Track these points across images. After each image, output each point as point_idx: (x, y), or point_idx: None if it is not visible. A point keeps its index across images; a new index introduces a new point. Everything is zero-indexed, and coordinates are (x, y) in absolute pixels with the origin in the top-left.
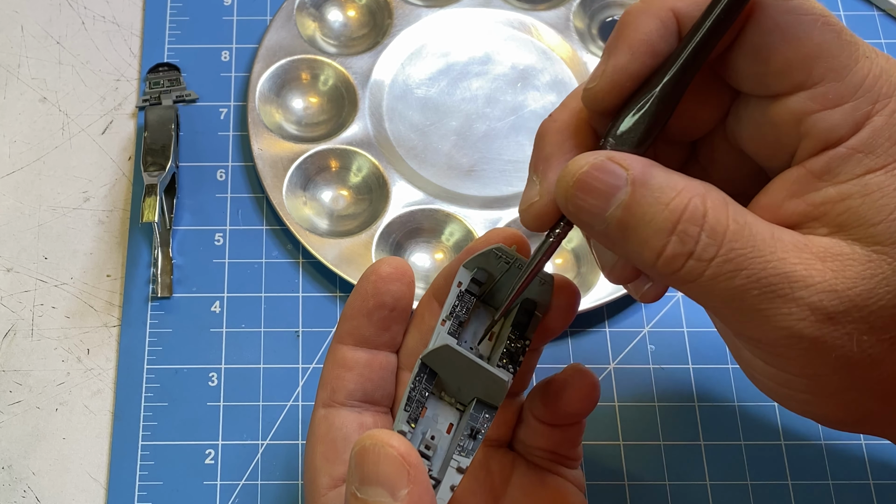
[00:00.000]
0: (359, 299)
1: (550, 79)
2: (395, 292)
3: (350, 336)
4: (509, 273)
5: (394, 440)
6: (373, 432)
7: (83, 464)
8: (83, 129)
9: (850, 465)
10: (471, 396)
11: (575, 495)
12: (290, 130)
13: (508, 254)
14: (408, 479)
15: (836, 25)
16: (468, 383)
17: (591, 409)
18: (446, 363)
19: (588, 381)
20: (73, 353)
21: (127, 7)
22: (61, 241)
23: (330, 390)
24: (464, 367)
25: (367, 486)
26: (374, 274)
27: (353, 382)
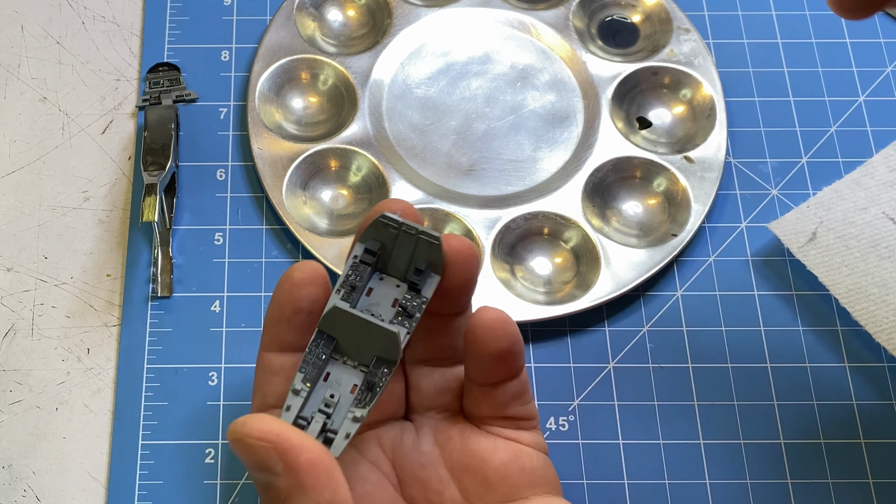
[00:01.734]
0: (276, 308)
1: (550, 78)
2: (309, 296)
3: (273, 343)
4: (399, 240)
5: (249, 427)
6: (233, 425)
7: (83, 463)
8: (83, 129)
9: (850, 465)
10: (371, 356)
11: (531, 456)
12: (290, 130)
13: (394, 220)
14: (278, 456)
15: None
16: (365, 343)
17: (511, 346)
18: (341, 326)
19: (492, 314)
20: (74, 352)
21: (127, 7)
22: (61, 241)
23: (262, 396)
24: (357, 327)
25: (253, 471)
26: (287, 282)
27: (281, 385)
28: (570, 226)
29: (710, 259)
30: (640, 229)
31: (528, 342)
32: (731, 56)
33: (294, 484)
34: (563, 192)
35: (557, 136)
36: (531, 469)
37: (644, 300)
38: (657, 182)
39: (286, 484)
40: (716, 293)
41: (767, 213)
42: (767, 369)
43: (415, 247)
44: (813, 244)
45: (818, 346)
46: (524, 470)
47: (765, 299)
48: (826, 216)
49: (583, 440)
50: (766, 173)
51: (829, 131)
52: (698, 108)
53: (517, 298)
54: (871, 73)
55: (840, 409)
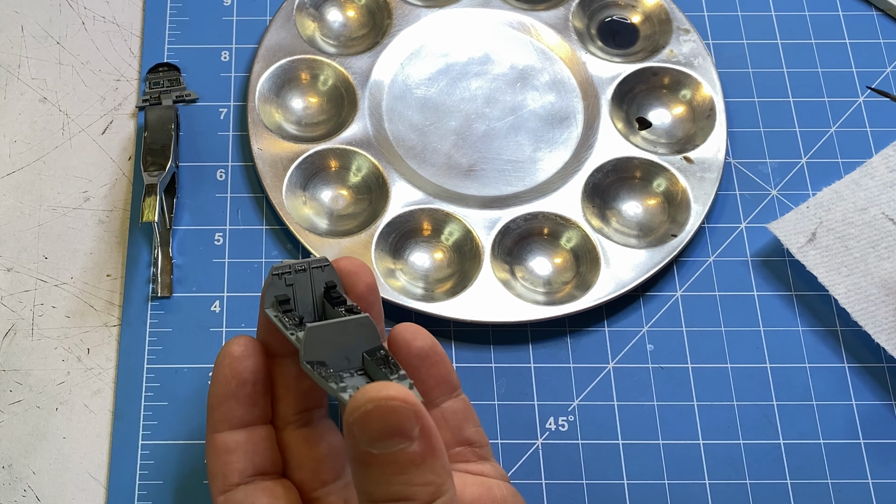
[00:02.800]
0: (220, 385)
1: (549, 79)
2: (251, 367)
3: (224, 422)
4: (297, 283)
5: (391, 391)
6: (365, 391)
7: (83, 463)
8: (83, 129)
9: (850, 465)
10: (358, 354)
11: (500, 487)
12: (290, 130)
13: (281, 267)
14: (415, 417)
15: None
16: (348, 347)
17: (429, 344)
18: (322, 345)
19: (406, 324)
20: (74, 352)
21: (127, 7)
22: (61, 241)
23: (222, 477)
24: (335, 335)
25: (381, 441)
26: (228, 357)
27: (240, 462)
28: (570, 226)
29: (710, 259)
30: (639, 230)
31: (528, 342)
32: (731, 56)
33: (429, 448)
34: (563, 193)
35: (557, 137)
36: (502, 498)
37: (644, 300)
38: (657, 182)
39: (422, 448)
40: (715, 293)
41: (767, 213)
42: (767, 369)
43: (312, 280)
44: (812, 245)
45: (818, 346)
46: (496, 501)
47: (764, 299)
48: (826, 217)
49: (583, 440)
50: (766, 174)
51: (828, 132)
52: (698, 108)
53: (517, 299)
54: (871, 74)
55: (840, 409)
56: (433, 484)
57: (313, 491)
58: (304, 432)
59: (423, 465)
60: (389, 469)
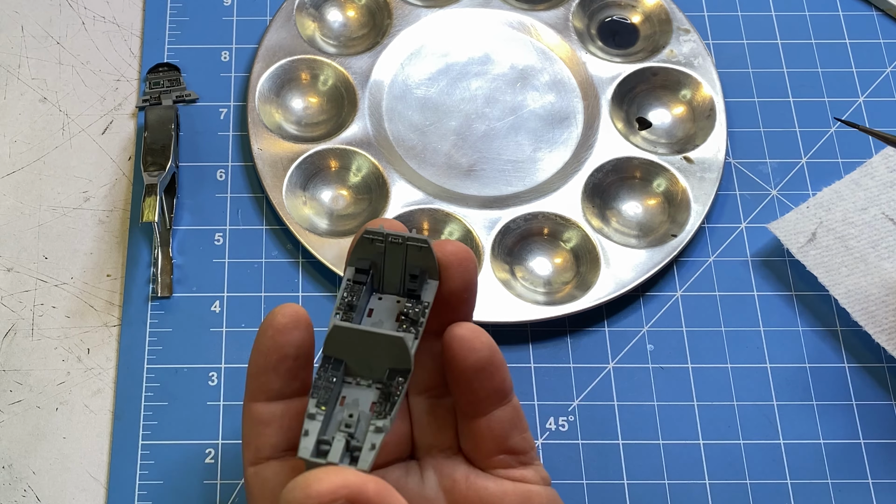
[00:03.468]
0: (261, 356)
1: (549, 79)
2: (294, 341)
3: (261, 392)
4: (388, 253)
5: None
6: (295, 489)
7: (83, 463)
8: (83, 129)
9: (850, 465)
10: (384, 369)
11: (540, 495)
12: (290, 130)
13: (377, 232)
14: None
15: None
16: (374, 357)
17: (487, 355)
18: (346, 345)
19: (465, 327)
20: (74, 352)
21: (127, 7)
22: (61, 241)
23: (254, 449)
24: (363, 343)
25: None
26: (271, 328)
27: (274, 436)
28: (570, 226)
29: (710, 259)
30: (639, 230)
31: (528, 342)
32: (731, 56)
33: None
34: (563, 193)
35: (557, 137)
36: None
37: (644, 300)
38: (657, 182)
39: None
40: (716, 293)
41: (767, 213)
42: (767, 369)
43: (405, 256)
44: (812, 245)
45: (818, 346)
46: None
47: (764, 299)
48: (826, 217)
49: (583, 440)
50: (766, 174)
51: (828, 132)
52: (698, 108)
53: (517, 299)
54: (871, 74)
55: (840, 409)
56: None
57: None
58: None
59: None
60: None
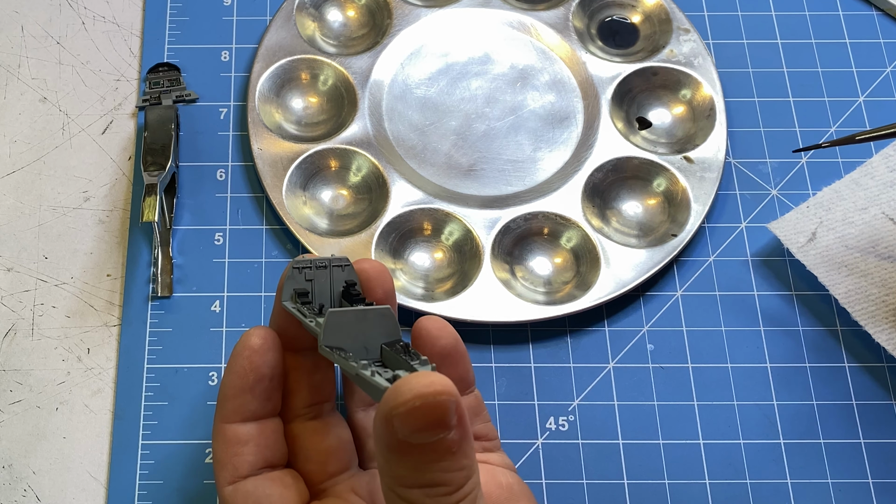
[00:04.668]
0: (237, 378)
1: (549, 78)
2: (270, 362)
3: (236, 414)
4: (316, 279)
5: (435, 385)
6: (407, 383)
7: (83, 463)
8: (83, 129)
9: (850, 465)
10: (377, 346)
11: (505, 475)
12: (290, 130)
13: (302, 262)
14: (457, 407)
15: None
16: (367, 336)
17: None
18: (342, 331)
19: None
20: (74, 352)
21: (127, 7)
22: (61, 241)
23: (231, 468)
24: (355, 322)
25: (421, 433)
26: (247, 349)
27: (252, 454)
28: (570, 226)
29: (710, 259)
30: (639, 229)
31: (528, 342)
32: (731, 56)
33: (464, 435)
34: (563, 193)
35: (557, 137)
36: (508, 485)
37: (644, 300)
38: (657, 182)
39: (458, 436)
40: (716, 293)
41: (767, 213)
42: (767, 369)
43: (331, 278)
44: (812, 244)
45: (818, 346)
46: (502, 486)
47: (765, 299)
48: (826, 216)
49: (583, 440)
50: (766, 173)
51: (828, 131)
52: (698, 108)
53: (517, 298)
54: (871, 74)
55: (840, 409)
56: (466, 468)
57: (320, 483)
58: (314, 425)
59: (459, 452)
60: (427, 457)
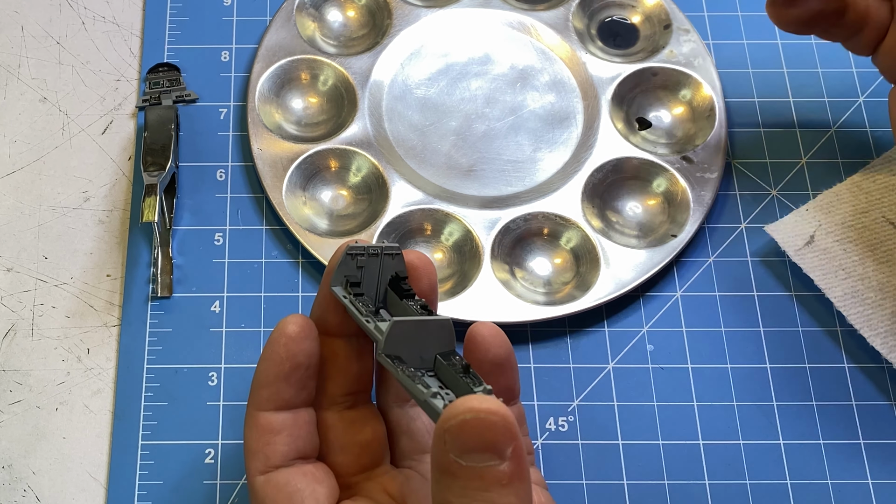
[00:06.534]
0: (273, 365)
1: (550, 79)
2: (306, 350)
3: (270, 402)
4: (366, 268)
5: (491, 405)
6: (464, 402)
7: (83, 463)
8: (83, 129)
9: (850, 465)
10: (431, 356)
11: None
12: (290, 130)
13: (355, 248)
14: (511, 437)
15: None
16: (423, 346)
17: (506, 353)
18: (401, 340)
19: (488, 325)
20: (74, 352)
21: (127, 7)
22: (61, 241)
23: (263, 458)
24: (415, 332)
25: (472, 454)
26: (283, 336)
27: (284, 444)
28: (570, 226)
29: (710, 260)
30: (639, 230)
31: (528, 342)
32: (731, 56)
33: (517, 471)
34: (563, 193)
35: (557, 137)
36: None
37: (644, 301)
38: (657, 183)
39: (511, 469)
40: (715, 294)
41: (767, 213)
42: (767, 370)
43: (381, 266)
44: (810, 248)
45: (818, 346)
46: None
47: (764, 300)
48: (825, 219)
49: (582, 440)
50: (766, 174)
51: (828, 132)
52: (698, 108)
53: (517, 299)
54: (871, 74)
55: (840, 409)
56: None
57: (351, 476)
58: (350, 415)
59: (509, 487)
60: (475, 483)
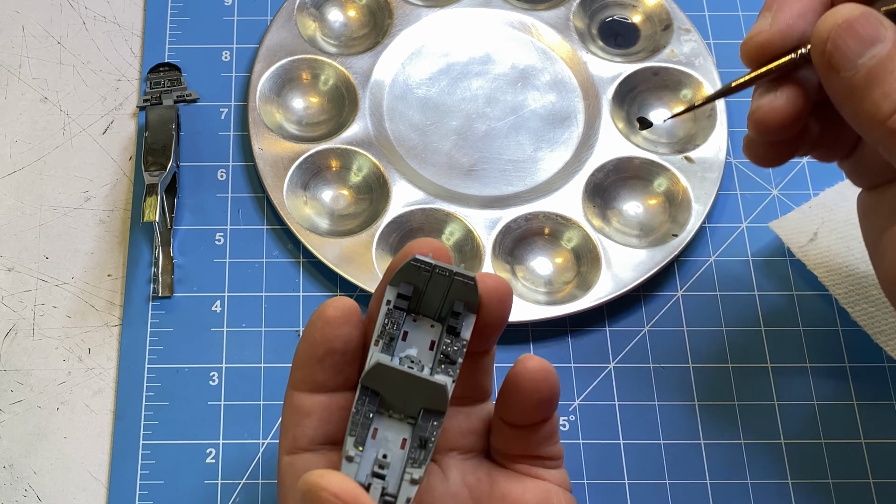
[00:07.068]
0: (308, 347)
1: (550, 78)
2: (343, 336)
3: (304, 383)
4: (433, 281)
5: (327, 481)
6: (309, 476)
7: (84, 463)
8: (84, 129)
9: (850, 465)
10: (417, 408)
11: (558, 494)
12: (291, 130)
13: (426, 262)
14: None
15: None
16: (412, 396)
17: (551, 396)
18: (385, 381)
19: (536, 363)
20: (75, 352)
21: (128, 7)
22: (62, 241)
23: (291, 438)
24: (402, 381)
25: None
26: (320, 320)
27: (313, 428)
28: (571, 226)
29: (711, 259)
30: (640, 229)
31: (529, 342)
32: (731, 56)
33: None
34: (564, 193)
35: (558, 137)
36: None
37: (644, 300)
38: (658, 182)
39: None
40: (716, 293)
41: (768, 213)
42: (767, 369)
43: (449, 287)
44: (814, 244)
45: (818, 346)
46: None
47: (765, 299)
48: (828, 217)
49: (583, 440)
50: (767, 173)
51: None
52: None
53: (518, 298)
54: None
55: (840, 409)
56: None
57: None
58: None
59: None
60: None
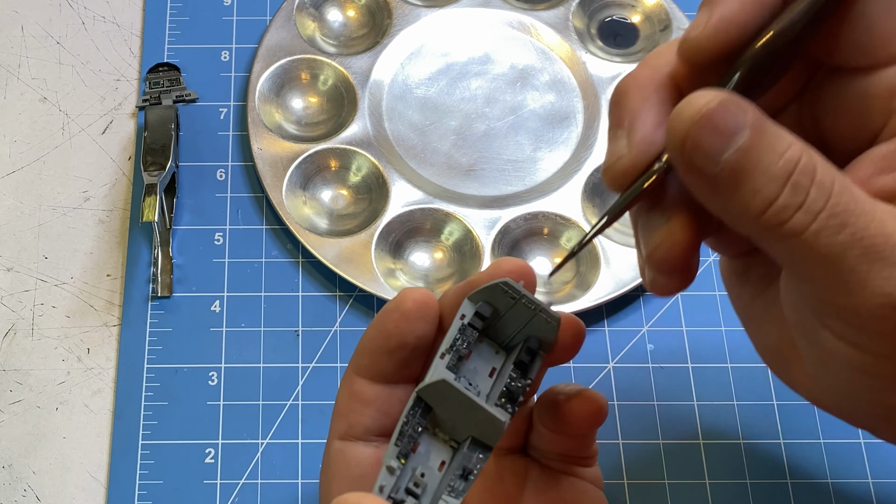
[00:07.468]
0: (379, 336)
1: (549, 78)
2: (418, 331)
3: (368, 370)
4: (514, 309)
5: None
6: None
7: (83, 463)
8: (83, 129)
9: (850, 464)
10: (466, 435)
11: (591, 492)
12: (290, 130)
13: (515, 289)
14: None
15: None
16: (464, 421)
17: (597, 426)
18: (442, 398)
19: (594, 406)
20: (74, 352)
21: (127, 7)
22: (61, 241)
23: (346, 424)
24: (460, 404)
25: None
26: (397, 311)
27: (370, 418)
28: (570, 226)
29: (711, 259)
30: None
31: None
32: None
33: None
34: (563, 193)
35: (557, 137)
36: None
37: (644, 300)
38: None
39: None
40: (716, 293)
41: None
42: (767, 369)
43: (530, 320)
44: None
45: None
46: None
47: None
48: None
49: None
50: None
51: None
52: None
53: None
54: None
55: None
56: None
57: None
58: None
59: None
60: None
